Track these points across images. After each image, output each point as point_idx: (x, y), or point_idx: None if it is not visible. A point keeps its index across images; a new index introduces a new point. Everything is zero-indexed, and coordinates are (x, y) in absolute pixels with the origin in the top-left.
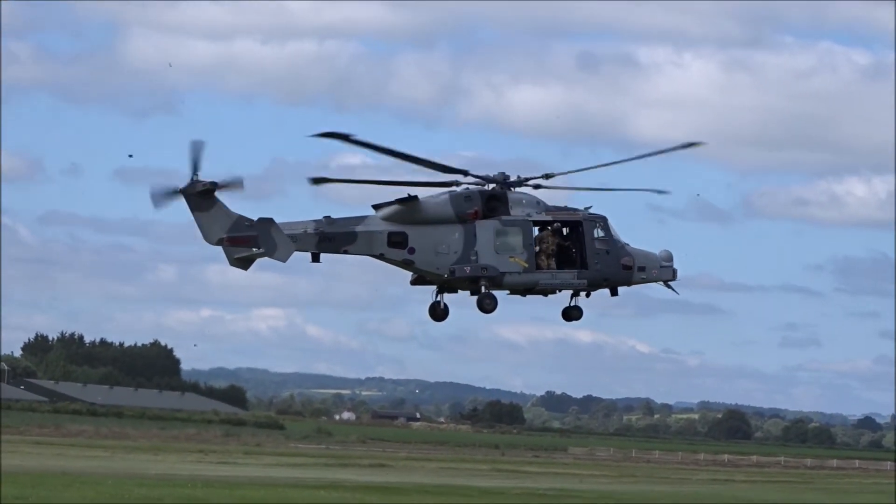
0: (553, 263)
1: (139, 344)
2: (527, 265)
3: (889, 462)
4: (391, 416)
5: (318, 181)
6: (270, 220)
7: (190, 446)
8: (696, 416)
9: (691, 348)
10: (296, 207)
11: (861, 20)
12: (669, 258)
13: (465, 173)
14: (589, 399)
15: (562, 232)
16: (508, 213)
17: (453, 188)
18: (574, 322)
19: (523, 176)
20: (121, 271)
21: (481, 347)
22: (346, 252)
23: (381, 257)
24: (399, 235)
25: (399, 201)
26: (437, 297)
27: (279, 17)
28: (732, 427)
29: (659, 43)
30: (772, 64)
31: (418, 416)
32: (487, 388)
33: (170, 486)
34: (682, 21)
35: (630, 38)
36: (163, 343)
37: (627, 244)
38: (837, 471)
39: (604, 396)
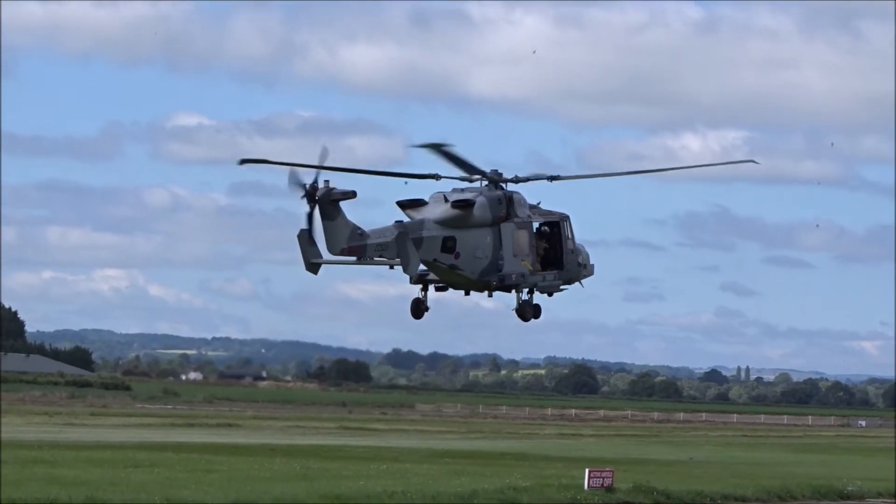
0: (539, 265)
1: None
2: (531, 268)
3: (735, 415)
4: (238, 376)
5: (245, 162)
6: (406, 234)
7: (36, 409)
8: (542, 372)
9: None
10: (134, 168)
11: None
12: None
13: (437, 177)
14: (435, 356)
15: (547, 232)
16: (517, 215)
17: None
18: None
19: (521, 175)
20: None
21: (325, 306)
22: None
23: (433, 262)
24: (451, 240)
25: (458, 205)
26: (421, 294)
27: None
28: (579, 382)
29: None
30: (604, 19)
31: (265, 375)
32: (333, 346)
33: (16, 449)
34: None
35: None
36: (6, 305)
37: None
38: (684, 424)
39: (450, 353)
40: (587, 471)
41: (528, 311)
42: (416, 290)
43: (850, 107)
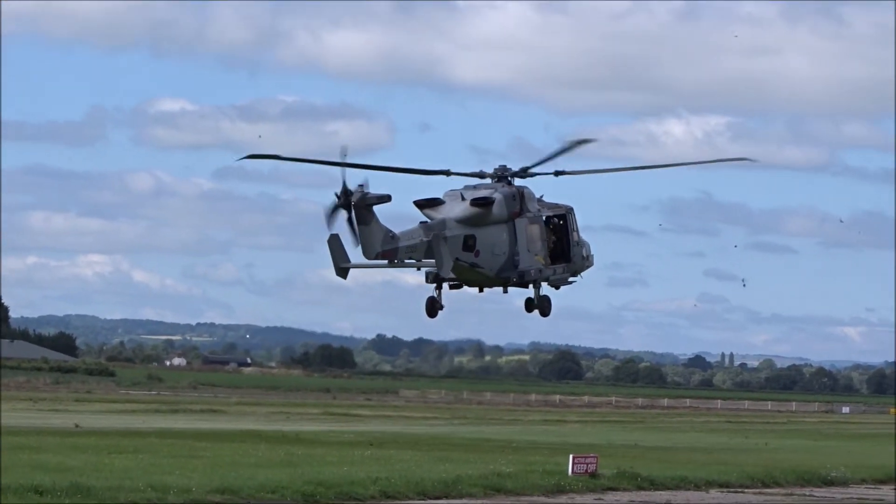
0: (549, 258)
1: None
2: (544, 262)
3: (719, 401)
4: (222, 362)
5: (250, 157)
6: (440, 236)
7: (20, 394)
8: (526, 358)
9: (519, 290)
10: (116, 154)
11: None
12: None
13: (448, 173)
14: (420, 342)
15: (555, 226)
16: (528, 210)
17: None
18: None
19: (532, 170)
20: None
21: (310, 291)
22: None
23: (455, 261)
24: (471, 238)
25: (477, 203)
26: (436, 292)
27: None
28: (563, 368)
29: None
30: (587, 5)
31: (249, 360)
32: (318, 332)
33: None
34: None
35: None
36: None
37: None
38: (668, 410)
39: (434, 339)
40: (571, 457)
41: (546, 306)
42: (424, 285)
43: (834, 92)
